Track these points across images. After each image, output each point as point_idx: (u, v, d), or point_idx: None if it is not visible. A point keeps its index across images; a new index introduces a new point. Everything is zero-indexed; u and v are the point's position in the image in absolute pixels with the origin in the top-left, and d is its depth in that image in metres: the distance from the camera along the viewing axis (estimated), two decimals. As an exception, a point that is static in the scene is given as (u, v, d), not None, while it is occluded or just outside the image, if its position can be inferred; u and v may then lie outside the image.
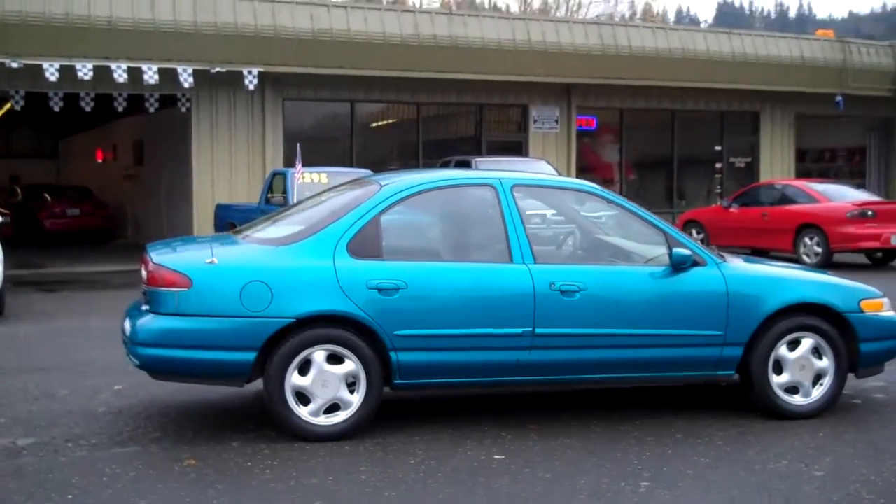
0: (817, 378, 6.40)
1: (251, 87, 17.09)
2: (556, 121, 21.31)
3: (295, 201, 13.79)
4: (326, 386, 5.79)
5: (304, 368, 5.78)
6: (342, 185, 7.09)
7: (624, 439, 5.88)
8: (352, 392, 5.84)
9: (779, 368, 6.34)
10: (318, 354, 5.77)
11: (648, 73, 20.94)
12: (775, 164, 24.09)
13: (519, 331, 5.96)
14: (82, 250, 21.50)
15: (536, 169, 16.61)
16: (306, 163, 14.48)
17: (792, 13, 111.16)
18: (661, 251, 6.32)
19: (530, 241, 6.10)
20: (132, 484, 5.05)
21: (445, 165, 17.29)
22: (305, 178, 14.19)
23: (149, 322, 5.74)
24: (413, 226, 6.28)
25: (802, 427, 6.16)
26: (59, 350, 9.04)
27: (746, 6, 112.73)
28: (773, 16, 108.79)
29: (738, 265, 6.47)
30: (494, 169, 15.77)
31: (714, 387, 7.04)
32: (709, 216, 19.22)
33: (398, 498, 4.84)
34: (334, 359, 5.81)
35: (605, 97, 21.76)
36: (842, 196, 17.45)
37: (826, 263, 15.51)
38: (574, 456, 5.56)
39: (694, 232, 18.68)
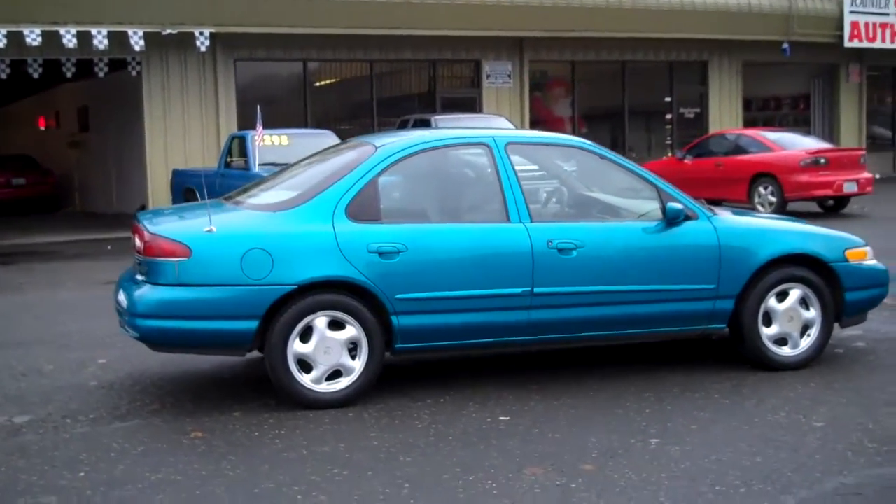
0: (804, 329, 6.51)
1: (203, 49, 16.79)
2: (509, 75, 21.28)
3: (256, 165, 13.67)
4: (328, 353, 5.77)
5: (304, 335, 5.75)
6: (332, 147, 7.03)
7: (623, 396, 5.95)
8: (353, 358, 5.83)
9: (768, 320, 6.44)
10: (320, 321, 5.75)
11: (599, 24, 20.95)
12: (724, 114, 24.34)
13: (518, 290, 5.98)
14: (31, 220, 21.11)
15: (496, 125, 16.59)
16: (263, 124, 14.29)
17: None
18: (651, 206, 6.37)
19: (526, 199, 6.11)
20: (142, 458, 5.01)
21: (404, 125, 17.20)
22: (266, 140, 14.02)
23: (148, 293, 5.66)
24: (410, 187, 6.23)
25: (793, 378, 6.29)
26: (34, 324, 8.89)
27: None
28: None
29: (727, 218, 6.54)
30: (454, 127, 15.77)
31: (702, 340, 7.14)
32: (664, 168, 19.33)
33: (414, 462, 4.87)
34: (335, 325, 5.79)
35: (557, 50, 21.76)
36: (795, 145, 17.70)
37: (780, 212, 15.76)
38: (578, 415, 5.62)
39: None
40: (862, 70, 27.33)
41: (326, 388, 5.81)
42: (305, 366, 5.78)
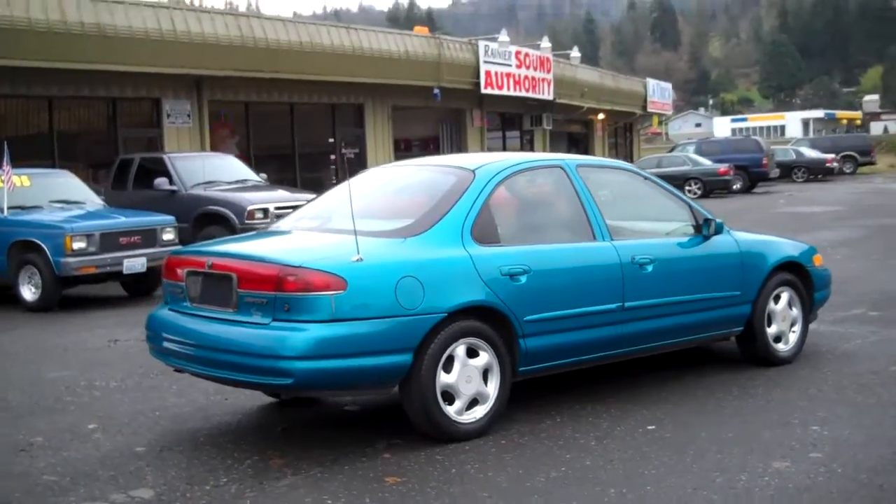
0: (791, 326, 7.30)
1: None
2: (189, 115, 20.50)
3: (6, 209, 12.12)
4: (470, 381, 5.52)
5: (446, 365, 5.45)
6: (386, 172, 6.67)
7: (708, 400, 6.29)
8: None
9: (769, 321, 7.13)
10: (461, 349, 5.49)
11: (277, 65, 20.89)
12: (379, 155, 25.29)
13: (614, 306, 6.13)
14: None
15: (227, 163, 16.07)
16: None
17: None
18: (680, 223, 6.81)
19: (604, 218, 6.28)
20: (381, 510, 4.51)
21: (125, 165, 15.90)
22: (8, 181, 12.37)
23: (301, 332, 5.04)
24: (511, 210, 6.10)
25: (800, 371, 6.97)
26: None
27: None
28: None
29: (738, 232, 7.13)
30: (189, 164, 15.09)
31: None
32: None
33: (665, 473, 4.84)
34: (470, 352, 5.56)
35: (233, 90, 21.36)
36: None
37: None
38: (708, 419, 5.85)
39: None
40: (483, 115, 29.78)
41: (467, 418, 5.54)
42: (447, 397, 5.48)
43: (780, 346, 7.21)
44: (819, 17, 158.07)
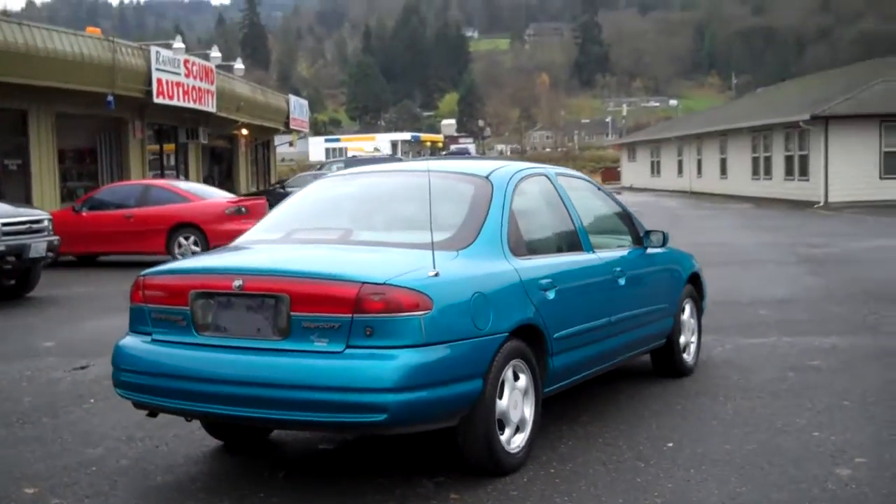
0: (691, 336, 7.56)
1: None
2: None
3: None
4: (516, 407, 5.16)
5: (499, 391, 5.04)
6: (364, 181, 6.01)
7: (681, 410, 6.37)
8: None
9: (678, 332, 7.33)
10: (509, 372, 5.10)
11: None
12: (44, 166, 23.00)
13: (604, 321, 6.02)
14: None
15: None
16: None
17: None
18: (622, 237, 6.83)
19: (586, 228, 6.15)
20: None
21: None
22: None
23: (393, 360, 4.41)
24: (525, 219, 5.63)
25: (709, 381, 7.28)
26: None
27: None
28: None
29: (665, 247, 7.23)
30: None
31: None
32: (60, 221, 17.79)
33: (756, 493, 4.80)
34: (513, 375, 5.19)
35: None
36: (210, 194, 17.95)
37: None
38: (707, 434, 5.92)
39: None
40: (143, 126, 28.02)
41: (514, 447, 5.14)
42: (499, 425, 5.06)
43: (686, 357, 7.43)
44: (399, 40, 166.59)
